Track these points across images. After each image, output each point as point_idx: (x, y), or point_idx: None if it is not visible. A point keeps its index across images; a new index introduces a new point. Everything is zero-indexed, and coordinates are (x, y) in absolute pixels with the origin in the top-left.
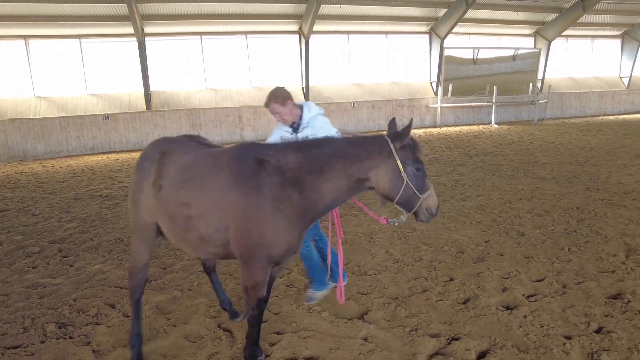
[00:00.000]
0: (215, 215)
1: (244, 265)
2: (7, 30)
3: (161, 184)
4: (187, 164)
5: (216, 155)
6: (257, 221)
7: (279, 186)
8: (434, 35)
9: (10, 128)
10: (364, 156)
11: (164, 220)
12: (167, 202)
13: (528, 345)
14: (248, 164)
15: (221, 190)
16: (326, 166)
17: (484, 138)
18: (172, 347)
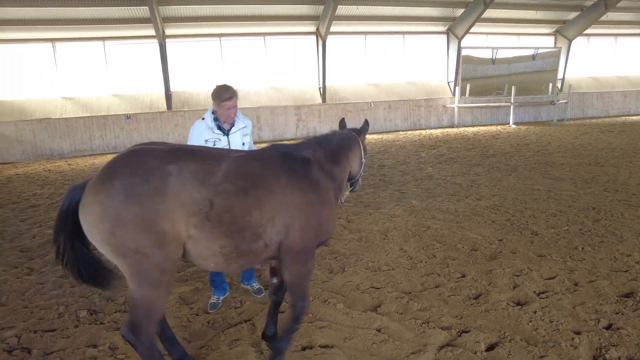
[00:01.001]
0: (281, 217)
1: (300, 260)
2: (36, 34)
3: (212, 200)
4: (233, 171)
5: (258, 157)
6: (320, 214)
7: (325, 179)
8: (452, 35)
9: (38, 128)
10: (352, 147)
11: (214, 240)
12: (226, 217)
13: (537, 339)
14: (299, 163)
15: (283, 191)
16: (340, 158)
17: (502, 138)
18: (195, 334)
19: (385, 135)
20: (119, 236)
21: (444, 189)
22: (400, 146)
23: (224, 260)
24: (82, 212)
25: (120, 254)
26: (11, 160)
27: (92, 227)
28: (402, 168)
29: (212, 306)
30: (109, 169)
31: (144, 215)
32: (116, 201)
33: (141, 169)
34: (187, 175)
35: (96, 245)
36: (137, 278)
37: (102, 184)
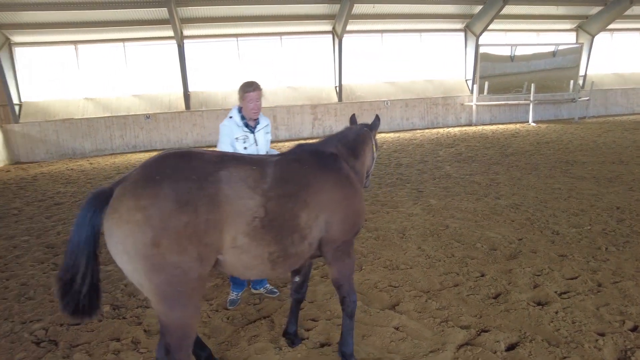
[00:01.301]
0: (323, 215)
1: (343, 255)
2: (59, 37)
3: (265, 207)
4: (279, 175)
5: (295, 159)
6: (355, 205)
7: (352, 172)
8: (469, 32)
9: (61, 128)
10: (366, 142)
11: (264, 248)
12: (277, 222)
13: (559, 339)
14: (330, 159)
15: (323, 189)
16: (358, 152)
17: (521, 137)
18: (215, 330)
19: (402, 133)
20: (162, 248)
21: (463, 188)
22: (418, 145)
23: (271, 267)
24: (114, 220)
25: (156, 270)
26: (36, 160)
27: (126, 238)
28: (420, 167)
29: (231, 302)
30: (152, 170)
31: (196, 225)
32: (164, 208)
33: (195, 173)
34: (238, 182)
35: (125, 262)
36: (169, 299)
37: (145, 188)
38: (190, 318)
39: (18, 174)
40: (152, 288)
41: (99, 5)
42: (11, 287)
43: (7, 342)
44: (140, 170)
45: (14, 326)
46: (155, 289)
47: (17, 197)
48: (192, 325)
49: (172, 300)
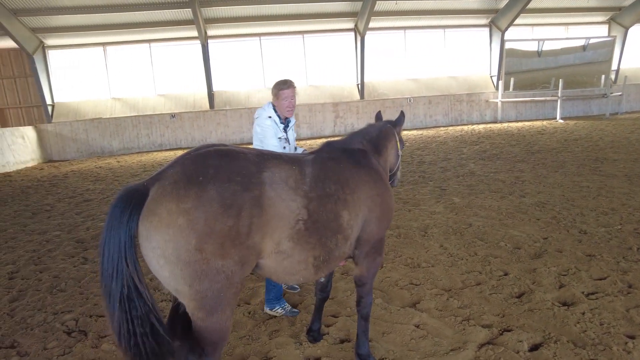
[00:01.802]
0: (362, 213)
1: (376, 250)
2: (89, 39)
3: (307, 208)
4: (318, 175)
5: (330, 157)
6: (389, 201)
7: (381, 167)
8: (494, 27)
9: (91, 127)
10: (389, 139)
11: (309, 252)
12: (320, 225)
13: (585, 341)
14: (361, 156)
15: (360, 186)
16: (381, 149)
17: (548, 134)
18: (237, 324)
19: (425, 131)
20: (206, 253)
21: (487, 186)
22: (441, 142)
23: (315, 271)
24: (153, 224)
25: (198, 276)
26: (67, 158)
27: (166, 243)
28: (443, 164)
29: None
30: (195, 170)
31: (240, 229)
32: (210, 211)
33: (240, 175)
34: (280, 184)
35: (162, 268)
36: (209, 305)
37: (187, 189)
38: (227, 321)
39: (50, 172)
40: (192, 295)
41: (126, 7)
42: (44, 279)
43: (40, 332)
44: (179, 169)
45: (47, 316)
46: (196, 295)
47: (49, 193)
48: (228, 328)
49: (211, 307)
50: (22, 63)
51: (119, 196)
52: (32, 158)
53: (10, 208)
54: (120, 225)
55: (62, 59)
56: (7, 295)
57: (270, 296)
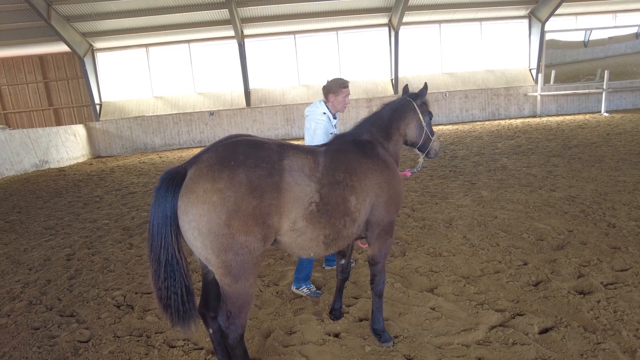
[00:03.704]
0: (370, 198)
1: (387, 233)
2: (133, 41)
3: (320, 192)
4: (329, 164)
5: (339, 149)
6: (396, 187)
7: (387, 155)
8: (534, 18)
9: (134, 125)
10: (404, 116)
11: (320, 230)
12: (330, 208)
13: (596, 326)
14: (368, 146)
15: (367, 174)
16: (391, 132)
17: (589, 128)
18: (265, 302)
19: (461, 125)
20: (233, 228)
21: (517, 180)
22: (476, 137)
23: (325, 248)
24: (190, 200)
25: (225, 248)
26: (113, 154)
27: (201, 217)
28: (476, 159)
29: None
30: (226, 156)
31: (263, 209)
32: (239, 192)
33: (265, 162)
34: (297, 171)
35: (196, 238)
36: (234, 273)
37: (221, 172)
38: (250, 287)
39: (99, 167)
40: (219, 263)
41: (167, 10)
42: (96, 261)
43: (94, 304)
44: (213, 154)
45: (100, 292)
46: (222, 264)
47: (98, 186)
48: (252, 294)
49: (236, 274)
50: (74, 66)
51: (162, 177)
52: (82, 154)
53: (65, 199)
54: (165, 201)
55: (108, 60)
56: (66, 274)
57: (299, 276)
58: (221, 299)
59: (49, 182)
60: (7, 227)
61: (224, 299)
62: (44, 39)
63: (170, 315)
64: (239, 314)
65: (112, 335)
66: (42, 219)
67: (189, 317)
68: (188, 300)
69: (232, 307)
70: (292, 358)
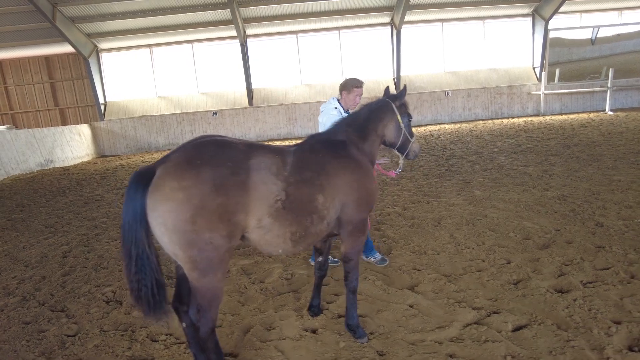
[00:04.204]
0: (339, 197)
1: (358, 232)
2: (137, 41)
3: (286, 191)
4: (297, 163)
5: (310, 149)
6: (367, 186)
7: (361, 155)
8: (537, 17)
9: (138, 124)
10: (382, 117)
11: (287, 227)
12: (297, 205)
13: (569, 324)
14: (340, 147)
15: (337, 174)
16: (367, 133)
17: (592, 127)
18: (249, 298)
19: (463, 124)
20: (198, 225)
21: (512, 179)
22: (477, 136)
23: (293, 245)
24: (157, 197)
25: (190, 244)
26: (117, 153)
27: (167, 213)
28: (474, 158)
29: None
30: (193, 155)
31: (228, 206)
32: (203, 189)
33: (230, 161)
34: (264, 170)
35: (163, 234)
36: (201, 268)
37: (187, 170)
38: (218, 282)
39: (102, 166)
40: (186, 258)
41: (170, 10)
42: (91, 258)
43: (85, 300)
44: (181, 153)
45: (91, 288)
46: (189, 259)
47: (100, 185)
48: (220, 288)
49: (203, 269)
50: (79, 66)
51: (133, 176)
52: (87, 153)
53: (67, 198)
54: (134, 199)
55: (113, 61)
56: (61, 270)
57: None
58: (191, 293)
59: (52, 181)
60: (9, 225)
61: (193, 293)
62: (50, 40)
63: (141, 307)
64: (208, 307)
65: (98, 330)
66: (43, 217)
67: (160, 309)
68: (159, 293)
69: (201, 301)
70: (268, 353)
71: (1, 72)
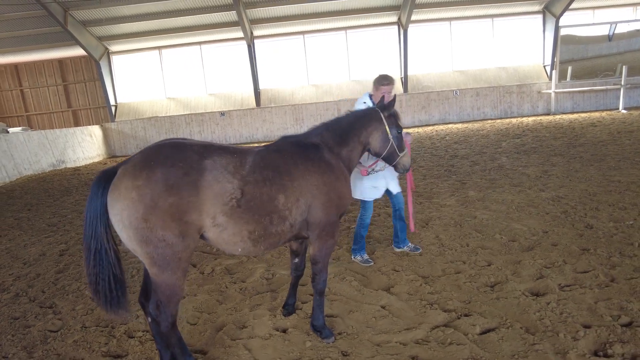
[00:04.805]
0: (303, 199)
1: (327, 235)
2: (146, 44)
3: (242, 189)
4: (258, 163)
5: (276, 150)
6: (337, 189)
7: (335, 159)
8: (548, 14)
9: (148, 125)
10: (367, 125)
11: (243, 226)
12: (254, 204)
13: (538, 328)
14: (311, 149)
15: (302, 176)
16: (348, 138)
17: (602, 126)
18: (227, 297)
19: (471, 124)
20: (150, 223)
21: (509, 180)
22: (483, 135)
23: (252, 244)
24: (115, 195)
25: (144, 241)
26: (128, 154)
27: (123, 211)
28: (475, 158)
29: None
30: (149, 157)
31: (179, 206)
32: (155, 189)
33: (182, 161)
34: (219, 169)
35: (121, 230)
36: (158, 264)
37: (141, 171)
38: (177, 280)
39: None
40: (144, 254)
41: (179, 12)
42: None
43: (73, 297)
44: (139, 155)
45: (80, 285)
46: (146, 255)
47: None
48: (179, 286)
49: (160, 266)
50: (90, 69)
51: (97, 176)
52: (98, 154)
53: (73, 197)
54: (96, 197)
55: (123, 63)
56: (55, 268)
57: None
58: (152, 288)
59: (62, 181)
60: (15, 223)
61: (153, 288)
62: (63, 43)
63: (99, 300)
64: (167, 303)
65: (80, 326)
66: (47, 217)
67: (118, 303)
68: (116, 287)
69: (161, 296)
70: (236, 351)
71: (17, 75)
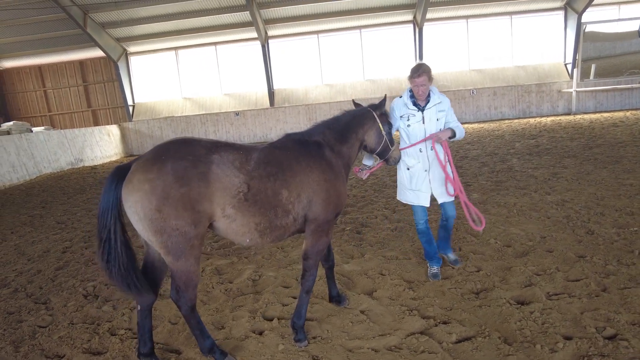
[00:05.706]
0: (305, 194)
1: (321, 232)
2: (163, 44)
3: (248, 184)
4: (263, 159)
5: (280, 147)
6: (337, 188)
7: (335, 158)
8: (570, 10)
9: (164, 125)
10: (363, 123)
11: (250, 218)
12: (260, 198)
13: (516, 338)
14: (313, 147)
15: (304, 172)
16: (347, 136)
17: (624, 126)
18: (212, 298)
19: (487, 124)
20: (164, 213)
21: (516, 182)
22: (497, 136)
23: (259, 236)
24: (129, 189)
25: (159, 230)
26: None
27: (137, 203)
28: (485, 159)
29: (433, 276)
30: (160, 152)
31: (190, 195)
32: (166, 181)
33: (191, 155)
34: (227, 164)
35: (137, 222)
36: (173, 252)
37: (152, 165)
38: (192, 266)
39: None
40: (159, 244)
41: (194, 13)
42: (86, 254)
43: (67, 294)
44: (151, 151)
45: (76, 282)
46: (161, 244)
47: None
48: (194, 272)
49: (175, 254)
50: (109, 69)
51: (112, 171)
52: (115, 153)
53: (85, 196)
54: (110, 190)
55: (141, 63)
56: (56, 265)
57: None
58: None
59: (78, 180)
60: (28, 220)
61: (172, 275)
62: (83, 45)
63: (115, 284)
64: (185, 288)
65: (68, 322)
66: (59, 214)
67: (136, 287)
68: (128, 273)
69: (179, 282)
70: None
71: (41, 77)
